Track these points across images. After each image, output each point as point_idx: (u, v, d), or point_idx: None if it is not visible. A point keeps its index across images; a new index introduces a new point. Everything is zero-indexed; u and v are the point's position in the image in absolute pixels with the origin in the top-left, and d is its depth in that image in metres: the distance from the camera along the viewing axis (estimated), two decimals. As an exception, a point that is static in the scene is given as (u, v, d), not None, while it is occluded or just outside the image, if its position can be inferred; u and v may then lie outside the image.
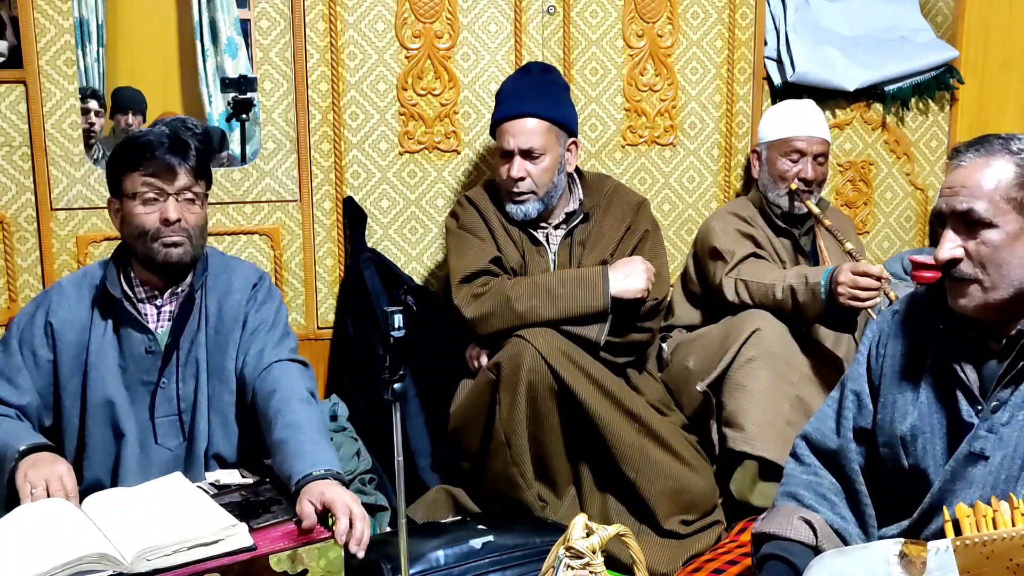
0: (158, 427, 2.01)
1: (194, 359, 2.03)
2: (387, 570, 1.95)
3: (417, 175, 2.90)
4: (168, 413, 2.02)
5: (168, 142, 1.97)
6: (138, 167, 1.96)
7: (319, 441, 1.89)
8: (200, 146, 2.02)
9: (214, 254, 2.14)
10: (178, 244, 1.97)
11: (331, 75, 2.78)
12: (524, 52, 2.90)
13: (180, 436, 2.02)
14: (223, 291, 2.08)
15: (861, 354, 1.80)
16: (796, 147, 2.84)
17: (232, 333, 2.05)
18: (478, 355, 2.55)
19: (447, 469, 2.62)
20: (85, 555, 1.59)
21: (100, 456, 1.99)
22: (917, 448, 1.67)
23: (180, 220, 1.96)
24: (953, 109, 3.35)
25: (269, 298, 2.12)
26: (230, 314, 2.06)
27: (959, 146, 1.65)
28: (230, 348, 2.05)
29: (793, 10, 3.17)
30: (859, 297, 2.42)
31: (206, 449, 2.02)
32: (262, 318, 2.08)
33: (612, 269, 2.50)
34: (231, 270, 2.12)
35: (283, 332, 2.10)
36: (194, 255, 2.01)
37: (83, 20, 3.64)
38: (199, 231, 2.01)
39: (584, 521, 1.66)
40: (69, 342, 1.99)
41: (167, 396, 2.02)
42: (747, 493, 2.48)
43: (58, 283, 2.09)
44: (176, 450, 2.02)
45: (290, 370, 2.03)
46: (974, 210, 1.57)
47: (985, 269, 1.58)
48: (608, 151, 3.04)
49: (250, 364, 2.03)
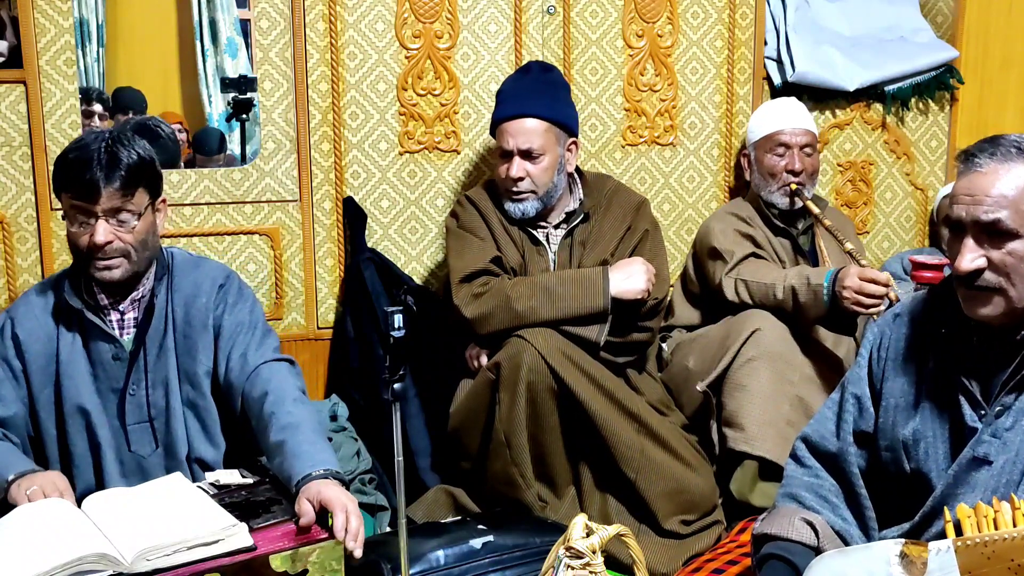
0: (131, 434, 1.99)
1: (163, 365, 2.00)
2: (387, 570, 1.94)
3: (417, 175, 2.90)
4: (139, 420, 1.99)
5: (98, 157, 1.87)
6: (64, 188, 1.90)
7: (316, 441, 1.88)
8: (138, 158, 1.91)
9: (180, 256, 2.10)
10: (112, 266, 1.91)
11: (331, 75, 2.78)
12: (524, 52, 2.90)
13: (153, 443, 2.00)
14: (189, 294, 2.03)
15: (862, 357, 1.79)
16: (781, 140, 2.86)
17: (201, 337, 2.01)
18: (478, 355, 2.55)
19: (447, 469, 2.62)
20: (85, 555, 1.59)
21: (83, 464, 1.97)
22: (919, 452, 1.66)
23: (111, 242, 1.89)
24: (953, 109, 3.35)
25: (240, 299, 2.07)
26: (197, 317, 2.02)
27: (971, 149, 1.59)
28: (199, 352, 2.01)
29: (793, 10, 3.17)
30: (863, 303, 2.42)
31: (187, 454, 2.00)
32: (237, 320, 2.04)
33: (612, 269, 2.50)
34: (197, 271, 2.07)
35: (263, 332, 2.07)
36: (139, 268, 1.96)
37: (83, 20, 3.64)
38: (142, 245, 1.94)
39: (584, 521, 1.66)
40: (37, 352, 1.97)
41: (137, 403, 1.99)
42: (747, 493, 2.47)
43: (25, 293, 2.07)
44: (151, 457, 1.99)
45: (279, 371, 2.00)
46: (1001, 221, 1.52)
47: (1010, 279, 1.54)
48: (608, 151, 3.04)
49: (235, 369, 2.00)
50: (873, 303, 2.42)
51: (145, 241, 1.95)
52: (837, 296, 2.46)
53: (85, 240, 1.90)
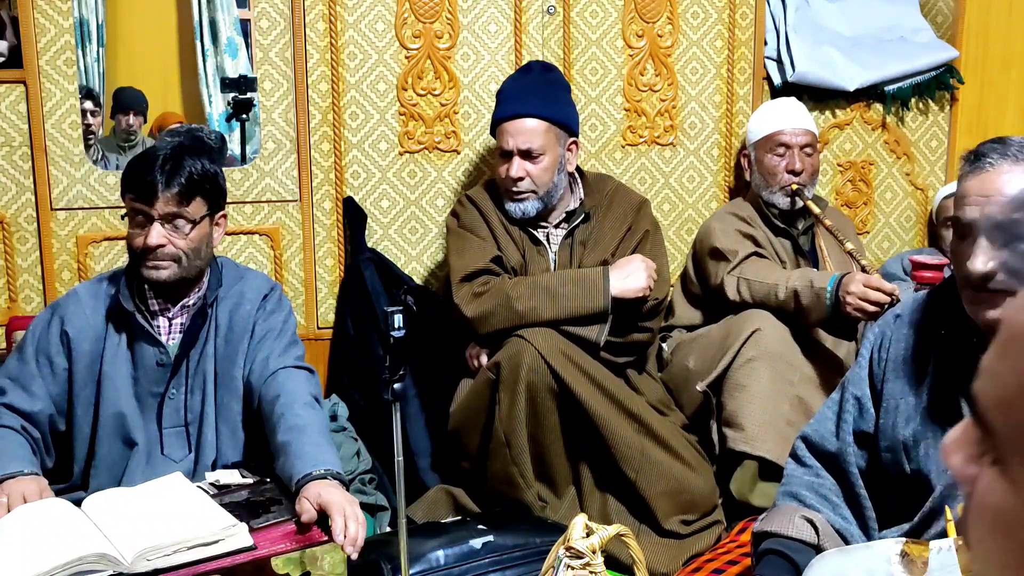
0: (165, 438, 2.01)
1: (202, 370, 2.02)
2: (387, 570, 1.94)
3: (417, 175, 2.90)
4: (175, 424, 2.02)
5: (163, 162, 1.92)
6: (127, 189, 1.96)
7: (321, 443, 1.89)
8: (202, 168, 1.96)
9: (228, 265, 2.13)
10: (161, 267, 1.94)
11: (331, 75, 2.78)
12: (524, 52, 2.90)
13: (186, 448, 2.02)
14: (235, 302, 2.07)
15: (863, 357, 1.78)
16: (781, 140, 2.86)
17: (241, 343, 2.05)
18: (478, 355, 2.55)
19: (447, 469, 2.62)
20: (85, 555, 1.59)
21: (107, 465, 1.98)
22: (919, 453, 1.66)
23: (163, 246, 1.92)
24: (953, 109, 3.35)
25: (279, 308, 2.12)
26: (240, 325, 2.06)
27: (980, 149, 1.56)
28: (239, 358, 2.04)
29: (793, 10, 3.17)
30: (866, 311, 2.42)
31: (214, 460, 2.02)
32: (269, 326, 2.08)
33: (613, 269, 2.50)
34: (243, 281, 2.11)
35: (290, 340, 2.10)
36: (188, 274, 1.98)
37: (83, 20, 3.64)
38: (194, 252, 1.97)
39: (584, 521, 1.66)
40: (84, 352, 1.99)
41: (174, 407, 2.01)
42: (747, 493, 2.47)
43: (74, 290, 2.08)
44: (182, 462, 2.01)
45: (295, 376, 2.03)
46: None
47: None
48: (608, 151, 3.04)
49: (256, 371, 2.03)
50: (876, 310, 2.42)
51: (198, 249, 1.98)
52: (840, 300, 2.46)
53: (140, 241, 1.93)
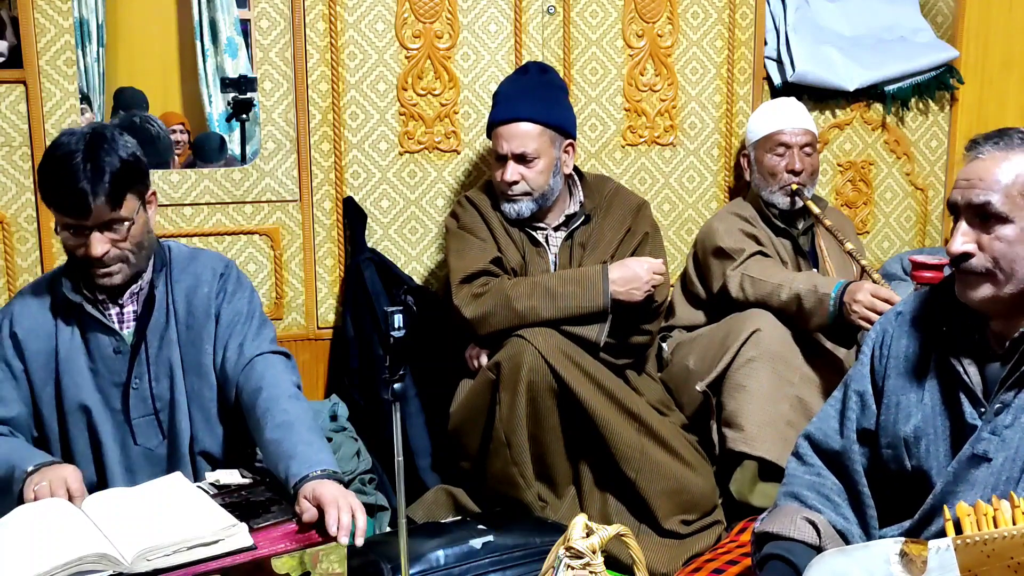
0: (136, 428, 1.99)
1: (166, 357, 2.00)
2: (387, 570, 1.94)
3: (417, 175, 2.90)
4: (144, 413, 2.00)
5: (82, 171, 1.82)
6: (52, 205, 1.87)
7: (312, 441, 1.87)
8: (120, 163, 1.86)
9: (177, 248, 2.10)
10: (112, 272, 1.91)
11: (331, 75, 2.78)
12: (524, 52, 2.90)
13: (159, 435, 2.01)
14: (190, 285, 2.04)
15: (864, 354, 1.79)
16: (781, 140, 2.86)
17: (205, 328, 2.02)
18: (478, 355, 2.55)
19: (447, 469, 2.62)
20: (85, 555, 1.59)
21: (85, 462, 1.97)
22: (920, 450, 1.66)
23: (108, 252, 1.89)
24: (953, 109, 3.35)
25: (239, 288, 2.08)
26: (200, 308, 2.02)
27: (977, 138, 1.62)
28: (205, 344, 2.02)
29: (793, 10, 3.17)
30: (871, 320, 2.41)
31: (191, 446, 2.01)
32: (235, 310, 2.04)
33: (613, 269, 2.49)
34: (196, 262, 2.07)
35: (260, 322, 2.07)
36: (140, 268, 1.97)
37: (83, 20, 3.64)
38: (138, 247, 1.93)
39: (584, 521, 1.65)
40: (36, 351, 1.97)
41: (141, 396, 1.99)
42: (747, 493, 2.47)
43: (20, 292, 2.06)
44: (157, 449, 2.00)
45: (274, 365, 2.00)
46: (991, 203, 1.55)
47: (998, 264, 1.56)
48: (608, 151, 3.04)
49: (231, 359, 2.01)
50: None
51: (141, 242, 1.95)
52: (845, 307, 2.46)
53: (82, 252, 1.89)
